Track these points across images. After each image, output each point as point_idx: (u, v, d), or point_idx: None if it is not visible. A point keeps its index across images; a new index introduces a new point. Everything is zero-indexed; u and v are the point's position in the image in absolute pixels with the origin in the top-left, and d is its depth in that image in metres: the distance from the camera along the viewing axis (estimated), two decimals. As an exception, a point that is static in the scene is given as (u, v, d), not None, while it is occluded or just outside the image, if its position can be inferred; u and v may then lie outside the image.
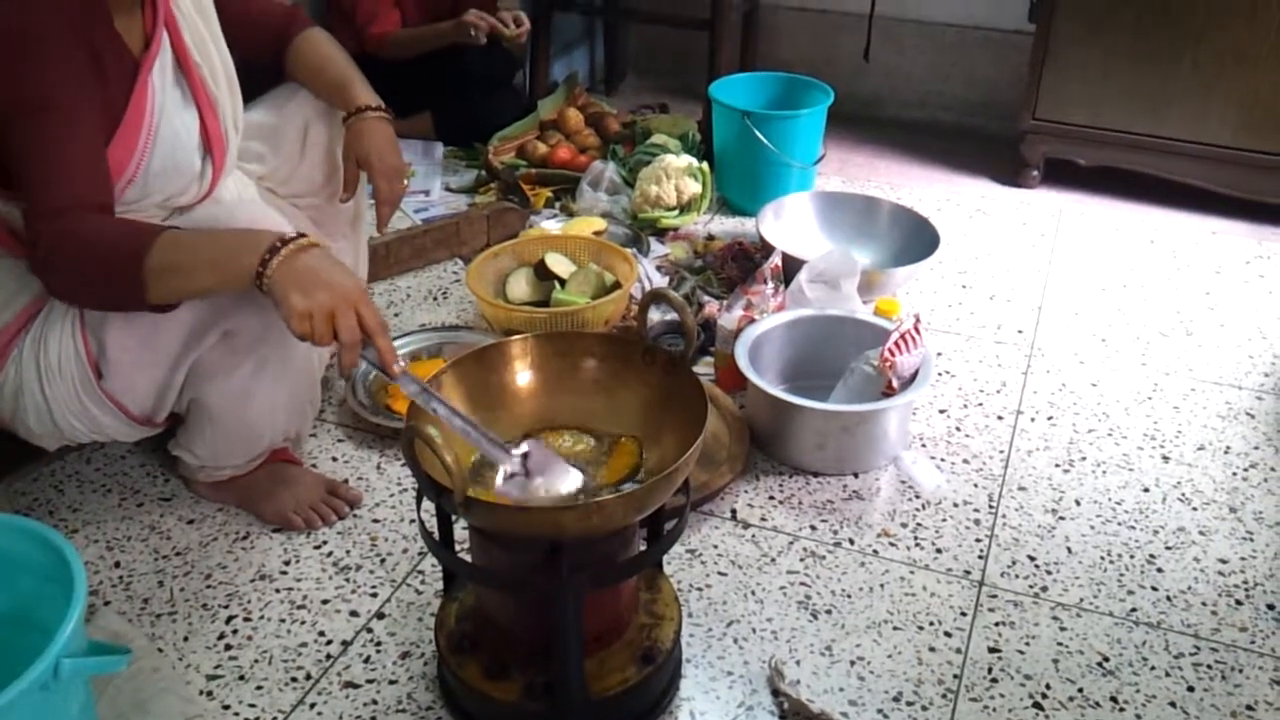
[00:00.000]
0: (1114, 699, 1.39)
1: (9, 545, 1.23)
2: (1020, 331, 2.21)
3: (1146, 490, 1.76)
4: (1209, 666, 1.44)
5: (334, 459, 1.81)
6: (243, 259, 1.26)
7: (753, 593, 1.54)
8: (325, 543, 1.63)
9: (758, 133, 2.56)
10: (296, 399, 1.62)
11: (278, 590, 1.54)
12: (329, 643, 1.46)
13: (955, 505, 1.72)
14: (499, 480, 1.22)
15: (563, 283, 2.17)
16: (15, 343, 1.48)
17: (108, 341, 1.43)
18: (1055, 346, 2.16)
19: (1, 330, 1.48)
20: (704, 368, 2.03)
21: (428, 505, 1.27)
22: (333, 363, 1.91)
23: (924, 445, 1.86)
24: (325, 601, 1.52)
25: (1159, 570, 1.60)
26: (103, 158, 1.37)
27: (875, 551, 1.62)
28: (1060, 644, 1.47)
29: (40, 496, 1.71)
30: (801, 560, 1.60)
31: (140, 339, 1.43)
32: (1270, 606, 1.53)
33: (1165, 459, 1.84)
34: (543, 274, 2.18)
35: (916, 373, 1.79)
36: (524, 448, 1.23)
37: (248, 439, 1.61)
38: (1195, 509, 1.72)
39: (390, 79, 2.08)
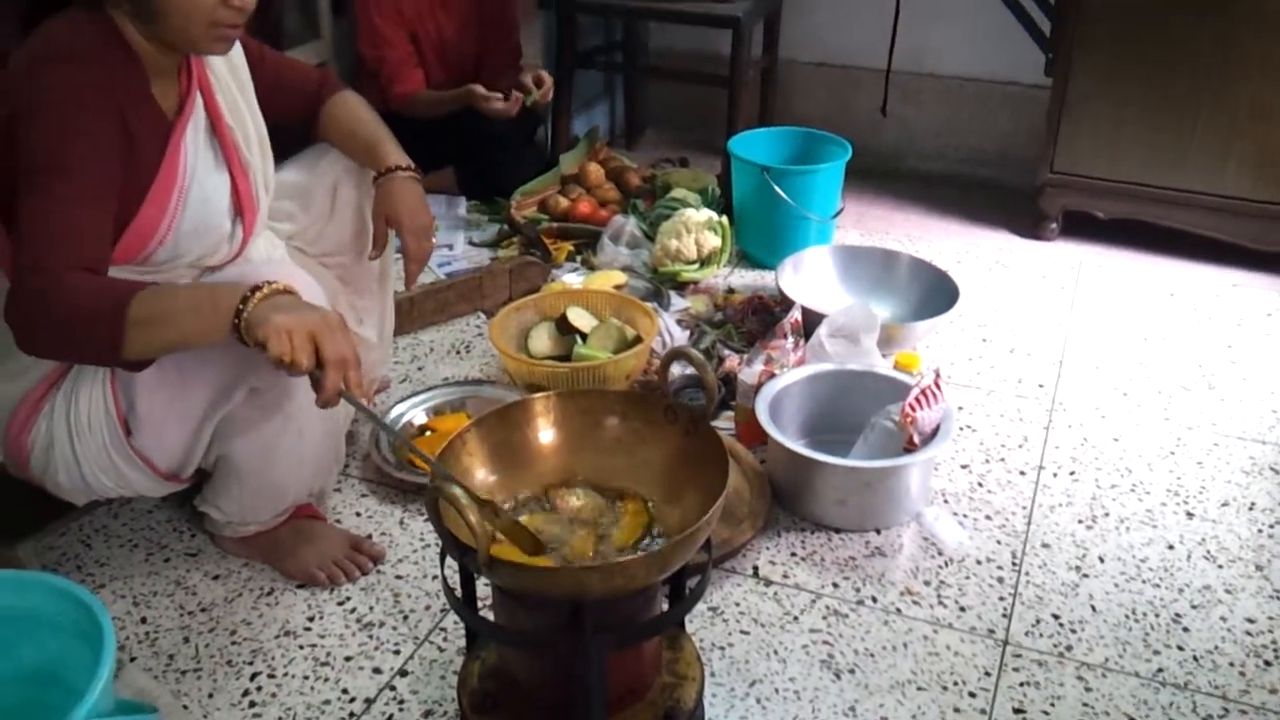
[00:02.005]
0: (1141, 762, 1.37)
1: (38, 603, 1.25)
2: (1041, 386, 2.21)
3: (1171, 547, 1.75)
4: (1238, 728, 1.42)
5: (358, 514, 1.82)
6: (221, 303, 1.26)
7: (775, 652, 1.54)
8: (349, 599, 1.63)
9: (777, 187, 2.59)
10: (321, 456, 1.64)
11: (301, 646, 1.55)
12: (352, 700, 1.46)
13: (978, 562, 1.72)
14: None
15: (584, 337, 2.18)
16: (47, 399, 1.50)
17: (137, 398, 1.45)
18: (1077, 400, 2.16)
19: (34, 386, 1.51)
20: (724, 422, 2.04)
21: (451, 563, 1.28)
22: (359, 418, 1.93)
23: (946, 501, 1.86)
24: (349, 658, 1.53)
25: (1185, 629, 1.59)
26: (106, 226, 1.38)
27: (898, 610, 1.62)
28: (1086, 705, 1.45)
29: (68, 551, 1.73)
30: (824, 619, 1.60)
31: (169, 396, 1.45)
32: (1299, 667, 1.52)
33: (1189, 515, 1.83)
34: (564, 328, 2.20)
35: (938, 428, 1.79)
36: None
37: (273, 495, 1.62)
38: (1220, 566, 1.71)
39: (415, 134, 2.12)
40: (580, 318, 2.21)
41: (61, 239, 1.32)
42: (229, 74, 1.62)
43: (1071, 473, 1.94)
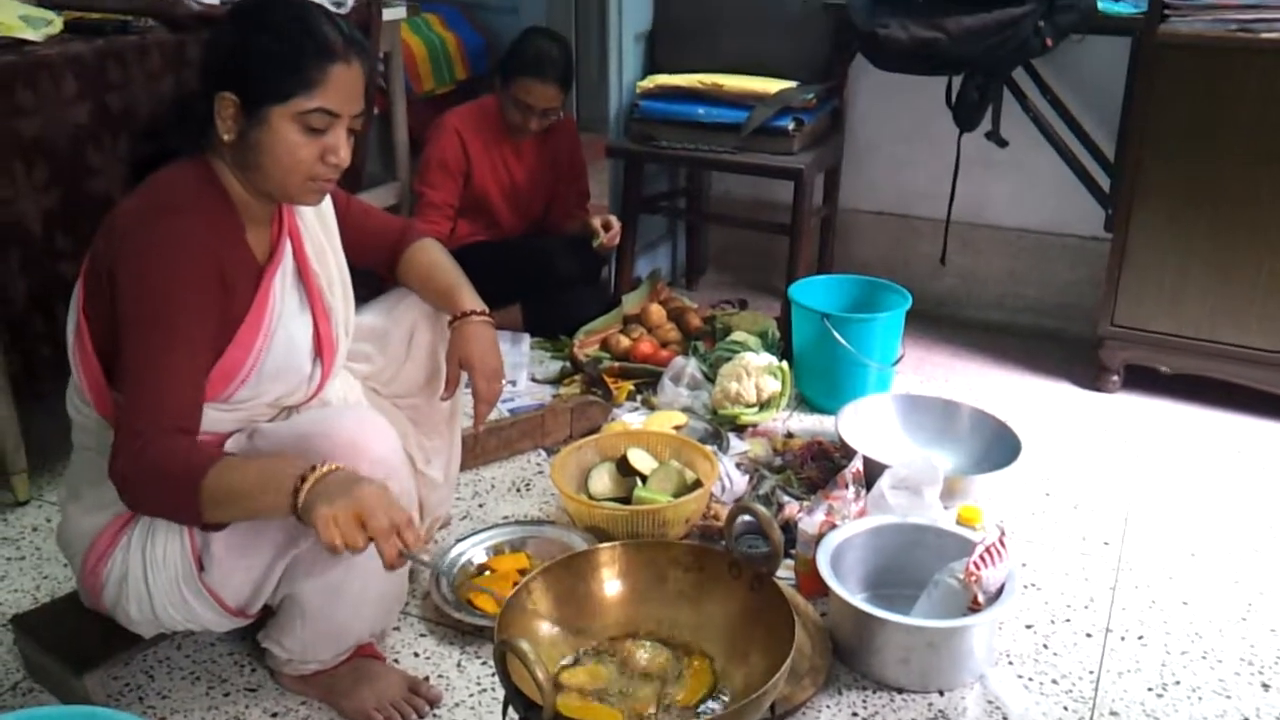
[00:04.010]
0: None
1: (105, 739, 1.26)
2: (1106, 544, 2.18)
3: (1247, 720, 1.70)
4: None
5: (415, 654, 1.82)
6: (283, 486, 1.35)
7: (836, 817, 1.50)
8: (405, 743, 1.62)
9: (837, 334, 2.62)
10: (385, 597, 1.65)
11: (356, 791, 1.54)
12: None
13: (1045, 729, 1.67)
14: None
15: (644, 479, 2.20)
16: (125, 532, 1.55)
17: (213, 537, 1.49)
18: (1143, 560, 2.12)
19: (113, 520, 1.55)
20: (784, 570, 2.02)
21: (512, 714, 1.27)
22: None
23: (1010, 663, 1.82)
24: (403, 806, 1.51)
25: (1265, 811, 1.52)
26: (201, 384, 1.47)
27: (963, 777, 1.57)
28: None
29: (131, 681, 1.75)
30: (886, 783, 1.56)
31: (244, 534, 1.49)
32: None
33: (1265, 687, 1.77)
34: (625, 469, 2.22)
35: (1002, 587, 1.77)
36: None
37: (336, 635, 1.64)
38: (1301, 744, 1.65)
39: (484, 272, 2.18)
40: (641, 459, 2.23)
41: (158, 402, 1.41)
42: (317, 221, 1.70)
43: (1140, 636, 1.90)
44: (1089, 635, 1.90)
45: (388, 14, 2.82)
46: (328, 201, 1.71)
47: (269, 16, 1.48)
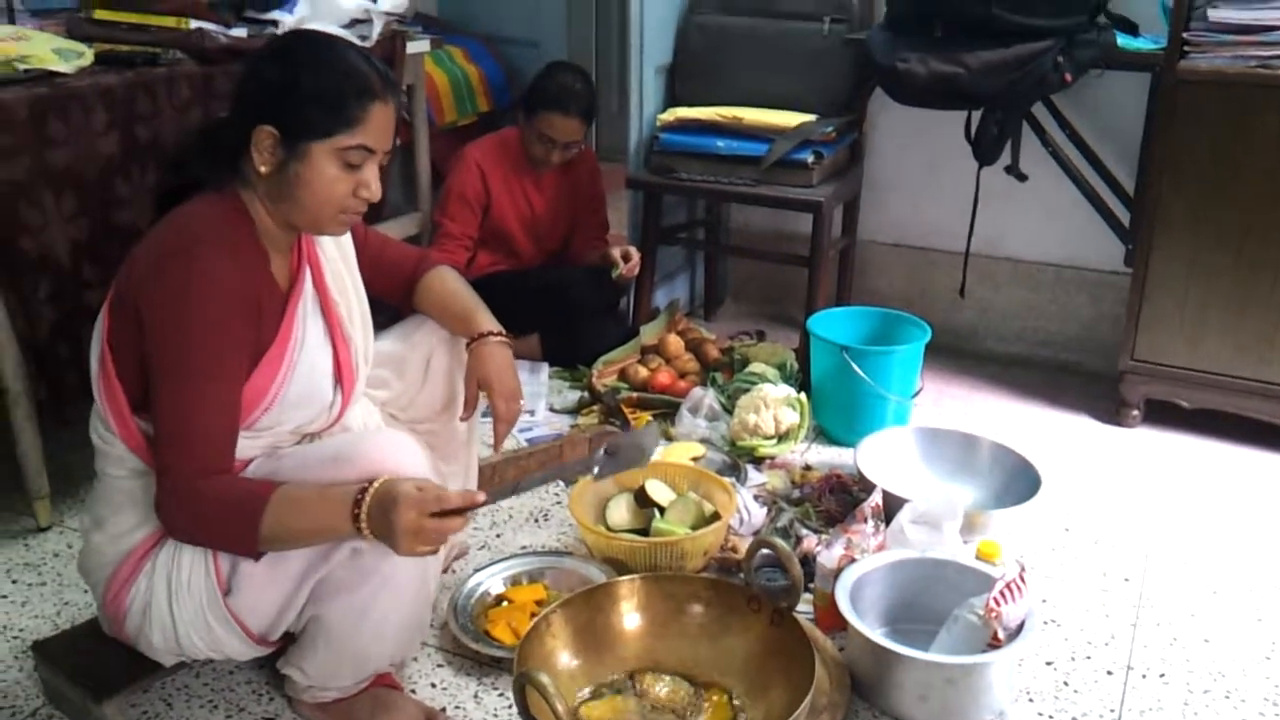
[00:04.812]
0: None
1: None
2: (1127, 580, 2.16)
3: (1272, 762, 1.68)
4: None
5: (432, 684, 1.82)
6: (340, 529, 1.42)
7: None
8: (421, 774, 1.62)
9: (856, 367, 2.62)
10: (408, 624, 1.65)
11: (372, 823, 1.53)
12: None
13: (1066, 768, 1.66)
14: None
15: (662, 511, 2.20)
16: (149, 558, 1.56)
17: (240, 560, 1.50)
18: (1164, 597, 2.11)
19: (137, 546, 1.56)
20: (802, 604, 2.01)
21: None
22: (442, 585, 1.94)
23: (1031, 700, 1.81)
24: (419, 838, 1.51)
25: None
26: (236, 417, 1.51)
27: (983, 816, 1.56)
28: None
29: (150, 709, 1.75)
30: (905, 821, 1.55)
31: (273, 555, 1.50)
32: None
33: (1290, 728, 1.75)
34: (643, 501, 2.22)
35: (1022, 623, 1.75)
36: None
37: (358, 660, 1.64)
38: (1326, 787, 1.63)
39: (502, 301, 2.20)
40: (659, 491, 2.23)
41: (199, 443, 1.45)
42: (336, 251, 1.73)
43: (1161, 674, 1.88)
44: (1110, 673, 1.88)
45: (412, 47, 2.86)
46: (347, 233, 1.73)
47: (311, 53, 1.50)
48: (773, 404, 2.63)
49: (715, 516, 2.17)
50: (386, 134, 1.53)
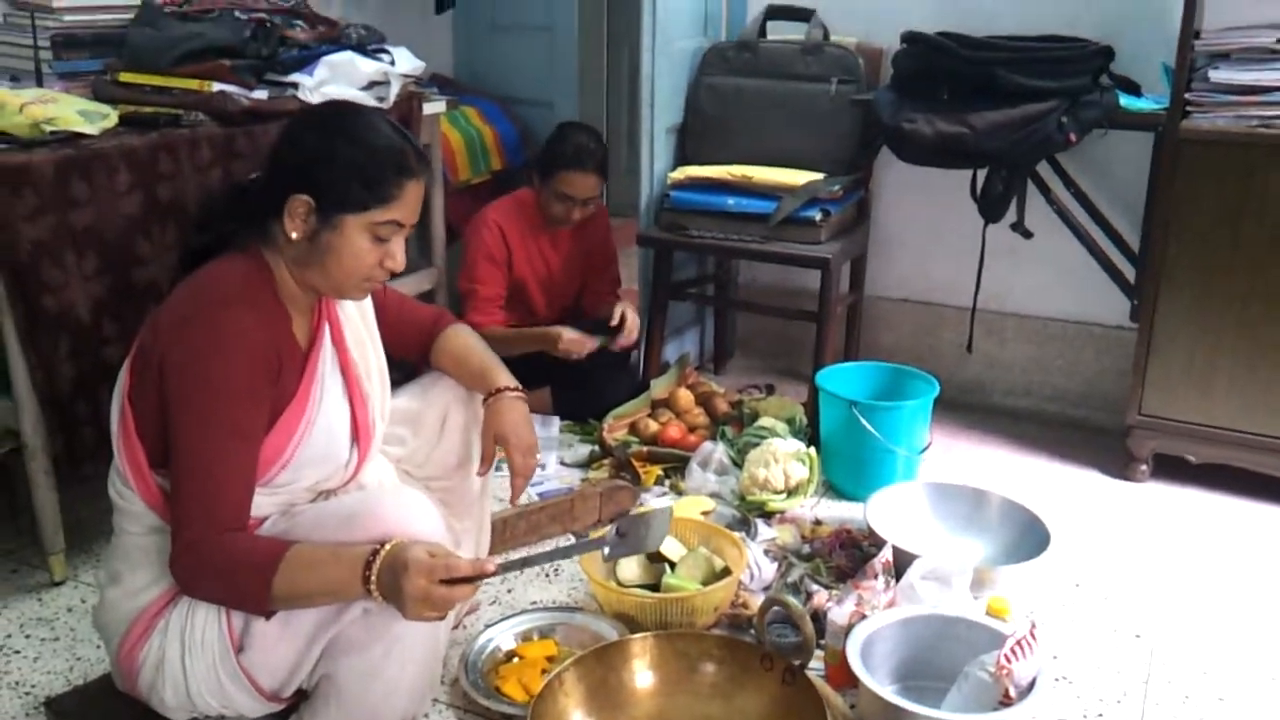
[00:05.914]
0: None
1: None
2: (1138, 636, 2.16)
3: (1287, 824, 1.67)
4: None
5: (444, 741, 1.82)
6: (351, 593, 1.44)
7: None
8: (433, 832, 1.62)
9: (865, 421, 2.63)
10: (419, 682, 1.66)
11: None
12: None
13: (1080, 829, 1.64)
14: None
15: (673, 566, 2.20)
16: (162, 615, 1.57)
17: (253, 617, 1.51)
18: (1176, 654, 2.10)
19: (152, 602, 1.58)
20: (814, 660, 2.01)
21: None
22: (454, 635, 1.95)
23: (1043, 759, 1.80)
24: None
25: None
26: (253, 476, 1.53)
27: None
28: None
29: (162, 766, 1.75)
30: None
31: (285, 613, 1.51)
32: None
33: (1305, 788, 1.74)
34: (653, 556, 2.22)
35: (1034, 681, 1.75)
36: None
37: (369, 719, 1.64)
38: None
39: (515, 356, 2.23)
40: (669, 546, 2.24)
41: (216, 502, 1.47)
42: (356, 310, 1.76)
43: (1175, 733, 1.88)
44: (1123, 732, 1.88)
45: (428, 108, 2.92)
46: None
47: (351, 126, 1.54)
48: (782, 458, 2.64)
49: (725, 572, 2.18)
50: (417, 209, 1.58)
